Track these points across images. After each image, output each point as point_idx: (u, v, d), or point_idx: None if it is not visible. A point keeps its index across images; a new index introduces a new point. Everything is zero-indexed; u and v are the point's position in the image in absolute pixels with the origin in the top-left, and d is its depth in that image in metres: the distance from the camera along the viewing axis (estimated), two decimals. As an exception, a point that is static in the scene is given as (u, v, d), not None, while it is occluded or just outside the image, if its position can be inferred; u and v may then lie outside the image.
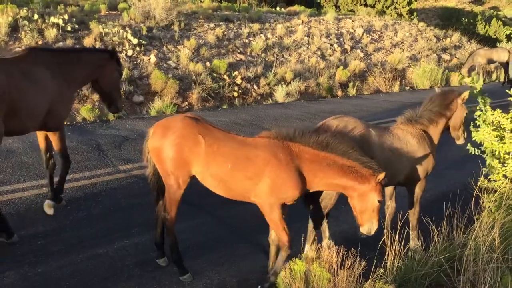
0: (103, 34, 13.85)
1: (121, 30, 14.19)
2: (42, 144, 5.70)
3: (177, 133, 4.07)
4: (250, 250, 5.24)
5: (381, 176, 4.04)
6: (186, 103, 12.83)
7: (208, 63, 14.52)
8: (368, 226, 4.19)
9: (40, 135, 5.66)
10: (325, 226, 5.22)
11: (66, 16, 14.13)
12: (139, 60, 13.46)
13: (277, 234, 4.25)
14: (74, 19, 14.43)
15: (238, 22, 18.67)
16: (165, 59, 14.15)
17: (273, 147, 4.10)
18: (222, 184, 4.11)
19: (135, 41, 13.85)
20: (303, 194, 4.25)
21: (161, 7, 15.84)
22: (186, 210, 6.08)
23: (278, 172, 4.02)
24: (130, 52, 13.55)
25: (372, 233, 4.22)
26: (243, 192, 4.14)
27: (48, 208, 5.63)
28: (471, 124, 5.50)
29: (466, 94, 5.13)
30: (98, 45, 13.32)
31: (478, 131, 5.27)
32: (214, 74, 14.15)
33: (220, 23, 17.97)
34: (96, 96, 11.10)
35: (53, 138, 5.58)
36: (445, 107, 5.15)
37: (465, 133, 5.28)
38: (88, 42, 13.28)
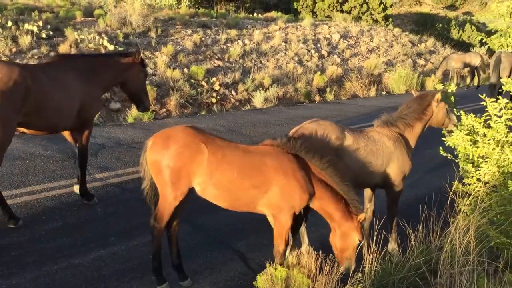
0: (79, 41, 13.70)
1: (97, 37, 14.06)
2: (69, 138, 6.24)
3: (179, 142, 3.98)
4: (229, 257, 5.21)
5: (362, 216, 4.22)
6: (164, 109, 12.75)
7: (185, 70, 14.47)
8: (347, 264, 4.31)
9: (65, 133, 6.14)
10: (303, 231, 5.23)
11: (40, 23, 13.94)
12: (115, 67, 13.32)
13: (276, 241, 4.26)
14: (49, 26, 14.25)
15: (216, 28, 18.67)
16: (142, 66, 14.04)
17: (279, 155, 4.15)
18: (226, 194, 4.06)
19: (111, 47, 13.72)
20: (309, 203, 4.29)
21: (138, 14, 15.76)
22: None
23: (287, 180, 4.05)
24: (106, 59, 13.40)
25: (351, 271, 4.29)
26: (249, 202, 4.11)
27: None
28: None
29: (439, 95, 5.29)
30: (73, 52, 13.15)
31: (451, 135, 5.36)
32: (192, 80, 14.10)
33: (198, 29, 17.95)
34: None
35: (80, 134, 6.04)
36: (421, 112, 5.25)
37: (454, 119, 5.42)
38: (63, 49, 13.10)
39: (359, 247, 4.36)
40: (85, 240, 5.30)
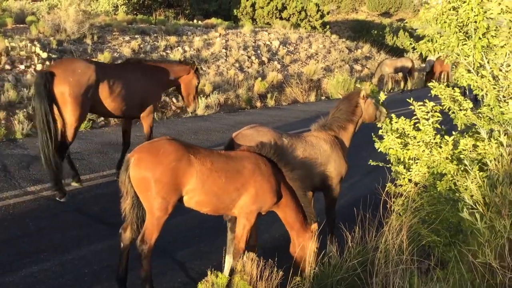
0: (10, 49, 13.10)
1: (29, 44, 13.50)
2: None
3: (170, 156, 3.92)
4: (169, 267, 5.13)
5: (315, 226, 4.49)
6: (102, 118, 12.39)
7: (124, 77, 14.14)
8: (306, 272, 4.48)
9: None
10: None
11: (-33, 30, 13.23)
12: (49, 75, 12.83)
13: (238, 240, 4.39)
14: (-24, 33, 13.56)
15: (155, 35, 18.41)
16: (78, 74, 13.60)
17: (256, 159, 4.32)
18: (214, 199, 4.13)
19: (44, 55, 13.22)
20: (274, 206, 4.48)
21: (72, 20, 15.27)
22: (103, 229, 5.88)
23: (262, 182, 4.23)
24: (39, 67, 12.90)
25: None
26: (229, 204, 4.22)
27: None
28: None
29: (364, 92, 5.56)
30: (3, 60, 12.57)
31: (382, 141, 5.53)
32: (130, 88, 13.80)
33: (136, 36, 17.64)
34: (2, 114, 10.45)
35: (144, 124, 7.63)
36: (351, 113, 5.45)
37: (384, 110, 5.66)
38: (-8, 56, 12.49)
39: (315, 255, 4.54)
40: (16, 257, 5.06)
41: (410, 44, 6.20)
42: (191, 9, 26.74)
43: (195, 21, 23.89)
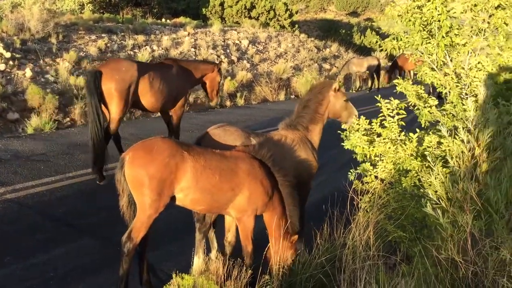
0: (-30, 48, 12.73)
1: (-9, 43, 13.14)
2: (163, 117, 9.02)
3: (164, 153, 3.95)
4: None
5: (295, 238, 4.54)
6: (68, 118, 12.16)
7: (90, 77, 13.88)
8: (275, 271, 4.48)
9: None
10: (212, 236, 5.20)
11: None
12: (12, 75, 12.53)
13: (244, 243, 4.42)
14: None
15: (122, 33, 18.15)
16: (43, 73, 13.32)
17: (251, 161, 4.33)
18: (209, 197, 4.13)
19: (7, 54, 12.88)
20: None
21: (36, 19, 14.91)
22: (68, 232, 5.76)
23: (256, 184, 4.24)
24: (2, 67, 12.57)
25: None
26: (224, 204, 4.23)
27: None
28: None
29: (336, 85, 5.41)
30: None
31: (349, 139, 5.57)
32: (97, 87, 13.56)
33: (103, 35, 17.35)
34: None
35: (174, 116, 8.74)
36: (318, 109, 5.35)
37: (355, 111, 5.55)
38: (-49, 56, 12.09)
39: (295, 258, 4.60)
40: (-22, 262, 4.91)
41: (377, 42, 6.28)
42: (159, 8, 26.50)
43: (163, 20, 23.68)
